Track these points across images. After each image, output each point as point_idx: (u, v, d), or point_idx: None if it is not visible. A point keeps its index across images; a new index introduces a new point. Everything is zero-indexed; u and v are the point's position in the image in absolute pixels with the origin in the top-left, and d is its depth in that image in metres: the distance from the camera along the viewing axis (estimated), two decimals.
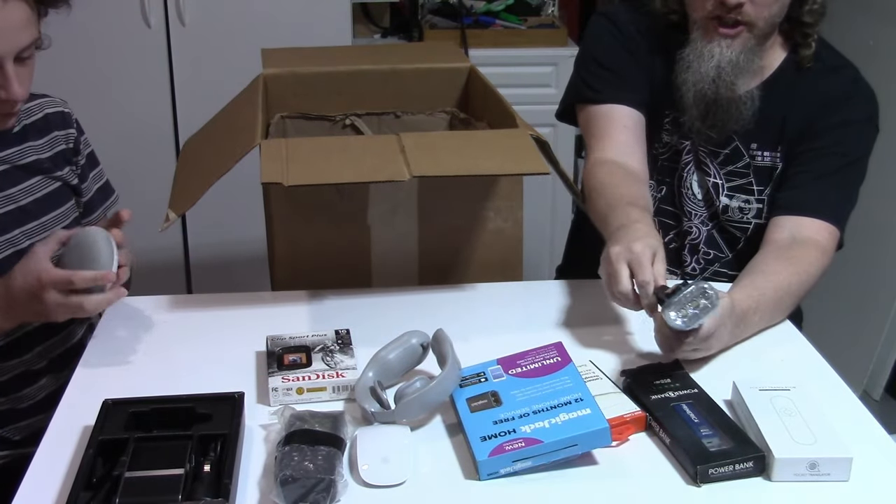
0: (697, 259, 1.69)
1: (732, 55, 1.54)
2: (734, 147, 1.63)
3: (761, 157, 1.63)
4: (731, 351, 1.38)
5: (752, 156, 1.63)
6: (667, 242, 1.68)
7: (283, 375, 1.25)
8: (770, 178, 1.63)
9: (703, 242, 1.68)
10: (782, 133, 1.61)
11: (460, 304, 1.51)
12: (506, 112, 1.60)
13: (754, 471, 1.10)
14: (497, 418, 1.15)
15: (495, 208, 1.57)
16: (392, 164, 1.37)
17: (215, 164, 1.45)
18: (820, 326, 1.84)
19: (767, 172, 1.63)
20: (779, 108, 1.61)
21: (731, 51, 1.54)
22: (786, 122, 1.60)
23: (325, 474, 1.06)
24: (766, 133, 1.61)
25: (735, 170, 1.64)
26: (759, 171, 1.63)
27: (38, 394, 1.55)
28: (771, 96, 1.60)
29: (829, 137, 1.58)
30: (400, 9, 3.01)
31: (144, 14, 2.59)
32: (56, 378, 1.56)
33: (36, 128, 1.53)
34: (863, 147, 1.62)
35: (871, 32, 2.72)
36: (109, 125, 2.49)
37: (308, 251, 1.56)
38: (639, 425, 1.19)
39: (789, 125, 1.60)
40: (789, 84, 1.61)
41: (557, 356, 1.23)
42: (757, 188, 1.63)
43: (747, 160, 1.63)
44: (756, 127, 1.60)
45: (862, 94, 1.62)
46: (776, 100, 1.61)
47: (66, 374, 1.40)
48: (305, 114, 1.84)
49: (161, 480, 1.04)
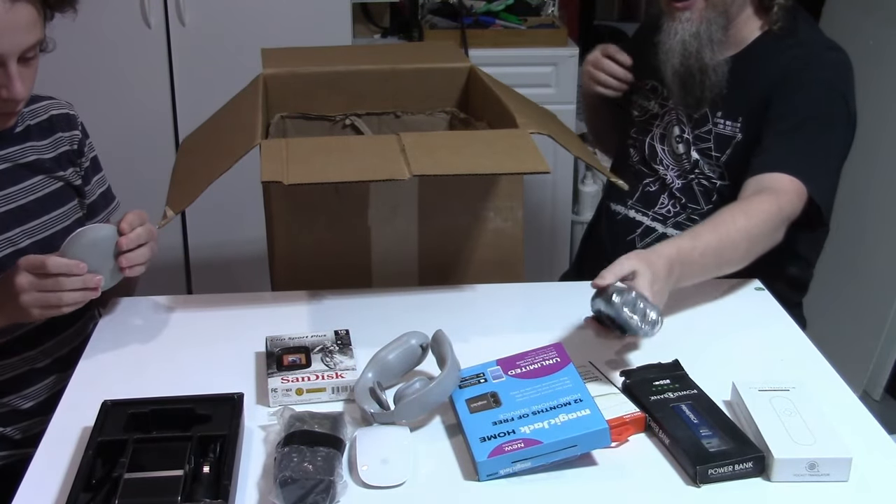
0: (673, 203, 1.75)
1: (692, 28, 1.64)
2: (703, 113, 1.71)
3: (722, 125, 1.69)
4: (731, 351, 1.38)
5: (715, 122, 1.69)
6: (645, 185, 1.80)
7: (282, 376, 1.25)
8: (728, 146, 1.67)
9: (677, 189, 1.75)
10: (744, 104, 1.66)
11: (460, 304, 1.51)
12: (505, 112, 1.60)
13: (754, 471, 1.10)
14: (496, 419, 1.15)
15: (495, 208, 1.57)
16: (392, 164, 1.37)
17: (215, 163, 1.45)
18: (820, 326, 1.84)
19: (726, 141, 1.68)
20: (745, 80, 1.66)
21: (691, 24, 1.64)
22: (748, 94, 1.65)
23: (325, 475, 1.05)
24: (730, 103, 1.67)
25: (700, 134, 1.71)
26: (718, 137, 1.69)
27: (42, 393, 1.55)
28: (740, 69, 1.67)
29: (786, 103, 1.61)
30: (400, 9, 3.01)
31: (144, 14, 2.59)
32: (61, 378, 1.56)
33: (40, 128, 1.53)
34: (821, 106, 1.60)
35: (871, 32, 2.72)
36: (109, 125, 2.49)
37: (308, 251, 1.56)
38: (638, 426, 1.19)
39: (751, 97, 1.65)
40: (759, 58, 1.66)
41: (557, 357, 1.23)
42: (715, 154, 1.69)
43: (710, 126, 1.69)
44: (724, 97, 1.67)
45: (822, 62, 1.63)
46: (744, 72, 1.67)
47: (72, 374, 1.40)
48: (305, 114, 1.84)
49: (160, 481, 1.04)
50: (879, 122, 2.66)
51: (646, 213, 1.79)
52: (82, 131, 1.59)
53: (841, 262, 2.77)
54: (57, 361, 1.56)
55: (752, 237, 1.47)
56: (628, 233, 1.81)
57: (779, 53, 1.64)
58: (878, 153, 2.65)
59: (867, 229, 2.67)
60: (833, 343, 1.74)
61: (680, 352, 1.32)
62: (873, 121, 2.68)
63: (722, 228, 1.46)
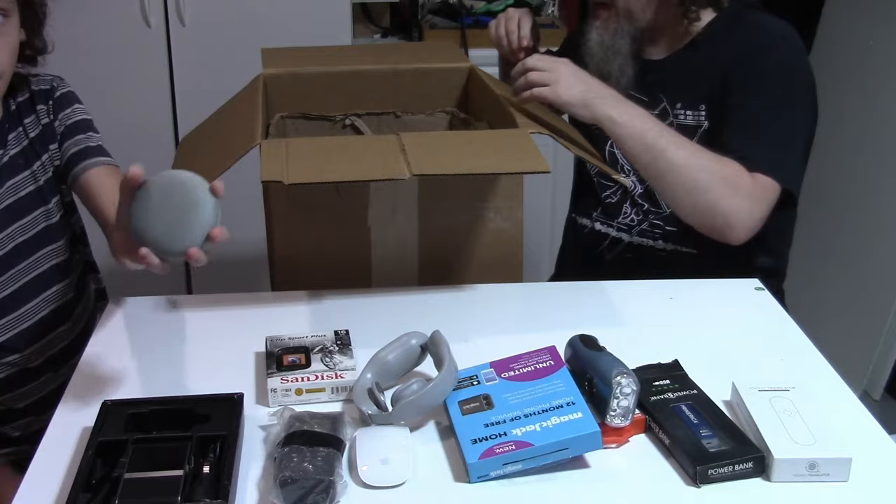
0: (636, 211, 1.74)
1: (598, 36, 1.67)
2: (662, 108, 1.68)
3: (683, 115, 1.67)
4: (731, 351, 1.38)
5: (676, 115, 1.67)
6: (606, 196, 1.79)
7: (282, 376, 1.25)
8: (694, 135, 1.65)
9: (639, 196, 1.74)
10: (704, 92, 1.64)
11: (460, 304, 1.51)
12: (505, 112, 1.60)
13: (754, 471, 1.10)
14: (488, 421, 1.15)
15: (495, 208, 1.57)
16: (393, 163, 1.36)
17: (214, 162, 1.45)
18: (820, 326, 1.84)
19: (690, 131, 1.65)
20: (699, 69, 1.65)
21: (598, 33, 1.67)
22: (706, 81, 1.64)
23: (325, 475, 1.05)
24: (688, 93, 1.66)
25: None
26: (681, 129, 1.64)
27: (35, 393, 1.55)
28: (692, 59, 1.66)
29: (743, 93, 1.59)
30: (400, 9, 3.01)
31: (144, 14, 2.59)
32: (54, 377, 1.56)
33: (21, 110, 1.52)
34: (779, 89, 1.58)
35: (871, 32, 2.72)
36: (109, 125, 2.48)
37: (308, 252, 1.56)
38: (638, 427, 1.19)
39: (709, 84, 1.63)
40: (709, 45, 1.65)
41: (550, 360, 1.23)
42: None
43: (671, 120, 1.67)
44: (680, 88, 1.66)
45: (773, 43, 1.61)
46: (697, 61, 1.66)
47: (64, 373, 1.40)
48: (305, 114, 1.84)
49: (160, 481, 1.04)
50: (879, 121, 2.66)
51: (610, 225, 1.78)
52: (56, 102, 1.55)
53: (841, 262, 2.77)
54: (49, 361, 1.56)
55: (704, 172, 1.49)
56: (596, 245, 1.80)
57: (729, 38, 1.63)
58: (878, 153, 2.65)
59: (867, 229, 2.67)
60: (833, 343, 1.74)
61: (680, 352, 1.32)
62: (873, 121, 2.69)
63: (681, 136, 1.52)
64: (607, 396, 1.15)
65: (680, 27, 1.67)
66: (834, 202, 2.81)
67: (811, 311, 1.80)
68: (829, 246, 2.82)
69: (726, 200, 1.49)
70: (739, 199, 1.49)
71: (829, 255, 2.81)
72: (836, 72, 2.82)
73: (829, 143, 2.79)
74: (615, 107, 1.53)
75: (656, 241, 1.73)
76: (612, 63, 1.67)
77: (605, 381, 1.16)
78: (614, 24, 1.66)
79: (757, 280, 1.59)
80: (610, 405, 1.15)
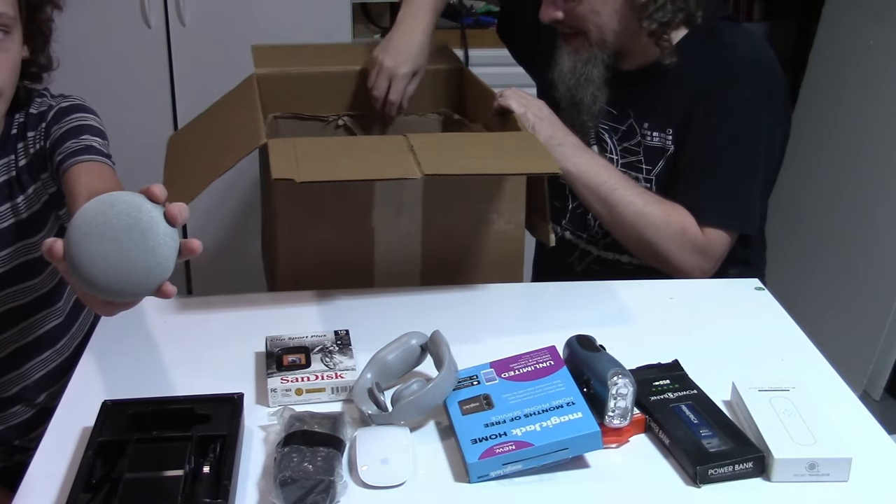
0: (599, 224, 1.71)
1: (570, 63, 1.65)
2: (629, 124, 1.67)
3: (650, 136, 1.65)
4: (731, 351, 1.38)
5: (643, 135, 1.66)
6: (574, 207, 1.76)
7: (282, 376, 1.24)
8: (660, 157, 1.64)
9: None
10: (671, 116, 1.62)
11: (460, 304, 1.51)
12: (505, 112, 1.60)
13: (754, 471, 1.10)
14: (488, 421, 1.15)
15: (498, 210, 1.56)
16: (403, 164, 1.36)
17: (215, 162, 1.45)
18: (820, 326, 1.84)
19: (657, 153, 1.64)
20: (669, 89, 1.62)
21: (570, 59, 1.65)
22: (673, 105, 1.62)
23: (325, 475, 1.05)
24: (656, 113, 1.64)
25: (629, 146, 1.68)
26: (648, 150, 1.65)
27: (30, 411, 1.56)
28: (661, 77, 1.62)
29: (706, 130, 1.58)
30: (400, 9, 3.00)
31: (144, 14, 2.59)
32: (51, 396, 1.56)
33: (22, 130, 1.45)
34: (742, 128, 1.57)
35: (871, 32, 2.72)
36: (109, 125, 2.47)
37: (311, 253, 1.55)
38: (638, 427, 1.19)
39: (677, 108, 1.61)
40: (679, 66, 1.60)
41: (550, 360, 1.23)
42: (646, 167, 1.66)
43: (638, 138, 1.66)
44: (648, 107, 1.64)
45: (745, 76, 1.58)
46: (666, 81, 1.62)
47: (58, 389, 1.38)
48: (298, 114, 1.84)
49: (161, 482, 1.04)
50: (879, 122, 2.66)
51: (580, 236, 1.77)
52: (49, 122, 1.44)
53: (841, 262, 2.77)
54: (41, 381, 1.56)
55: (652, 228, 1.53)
56: (567, 255, 1.80)
57: (700, 60, 1.59)
58: (877, 153, 2.65)
59: (867, 230, 2.67)
60: (833, 343, 1.74)
61: (680, 352, 1.32)
62: (873, 121, 2.69)
63: (636, 188, 1.55)
64: (604, 397, 1.15)
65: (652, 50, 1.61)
66: (834, 202, 2.81)
67: (811, 311, 1.80)
68: (829, 246, 2.82)
69: (675, 255, 1.56)
70: (687, 254, 1.56)
71: (829, 255, 2.81)
72: (836, 72, 2.82)
73: (830, 143, 2.79)
74: (573, 157, 1.56)
75: (622, 255, 1.72)
76: (585, 90, 1.65)
77: (601, 382, 1.16)
78: (587, 51, 1.63)
79: (757, 280, 1.59)
80: (608, 406, 1.15)
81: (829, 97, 2.88)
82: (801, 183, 2.85)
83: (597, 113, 1.67)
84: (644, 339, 1.39)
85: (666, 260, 1.57)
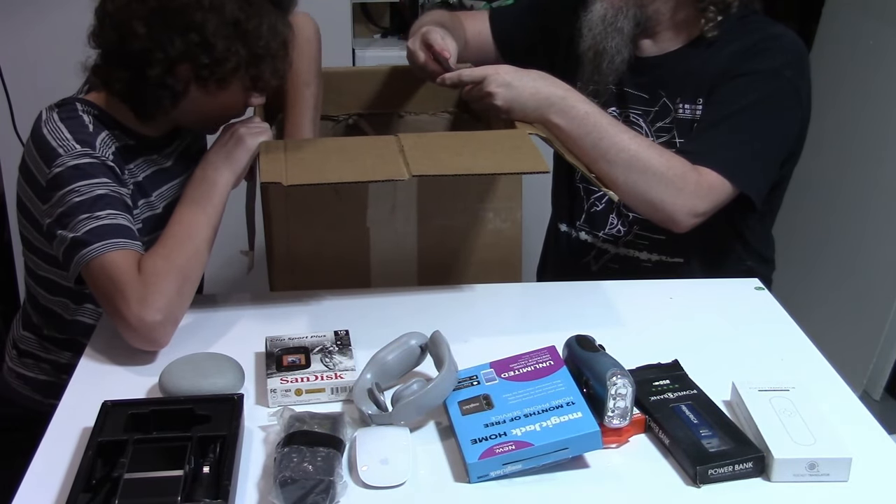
0: (622, 221, 1.72)
1: (602, 10, 1.65)
2: (662, 104, 1.68)
3: (683, 110, 1.66)
4: (731, 351, 1.38)
5: (676, 109, 1.67)
6: (591, 204, 1.77)
7: (281, 377, 1.25)
8: (691, 129, 1.65)
9: (624, 206, 1.71)
10: (701, 86, 1.64)
11: (459, 304, 1.51)
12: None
13: (754, 471, 1.10)
14: (488, 421, 1.15)
15: (494, 209, 1.57)
16: (391, 164, 1.36)
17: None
18: (820, 326, 1.84)
19: (688, 125, 1.65)
20: (698, 67, 1.64)
21: (602, 7, 1.65)
22: (702, 79, 1.63)
23: (325, 475, 1.06)
24: (689, 88, 1.65)
25: (663, 125, 1.68)
26: (680, 123, 1.66)
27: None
28: (693, 56, 1.65)
29: (730, 88, 1.60)
30: (400, 9, 3.00)
31: None
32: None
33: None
34: (765, 92, 1.58)
35: (871, 32, 2.72)
36: None
37: (307, 253, 1.55)
38: (638, 427, 1.19)
39: (704, 82, 1.63)
40: (709, 46, 1.64)
41: (550, 360, 1.23)
42: (678, 140, 1.66)
43: (672, 115, 1.67)
44: (680, 84, 1.66)
45: (770, 50, 1.60)
46: (697, 60, 1.65)
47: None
48: None
49: (160, 482, 1.04)
50: (879, 122, 2.66)
51: (596, 236, 1.77)
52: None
53: (841, 262, 2.77)
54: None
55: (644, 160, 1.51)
56: (582, 255, 1.79)
57: (731, 41, 1.62)
58: (877, 153, 2.64)
59: (867, 229, 2.67)
60: (833, 343, 1.74)
61: (680, 352, 1.32)
62: (873, 121, 2.69)
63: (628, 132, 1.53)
64: (604, 397, 1.15)
65: (693, 26, 1.64)
66: (834, 202, 2.81)
67: (811, 311, 1.80)
68: (830, 246, 2.82)
69: (670, 199, 1.52)
70: (683, 198, 1.52)
71: (830, 255, 2.81)
72: (836, 72, 2.82)
73: (830, 143, 2.79)
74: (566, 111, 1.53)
75: (641, 252, 1.72)
76: (611, 40, 1.65)
77: (600, 382, 1.16)
78: (620, 2, 1.64)
79: (757, 280, 1.59)
80: (607, 406, 1.15)
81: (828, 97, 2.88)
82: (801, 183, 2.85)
83: (617, 66, 1.66)
84: (644, 339, 1.39)
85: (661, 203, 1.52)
